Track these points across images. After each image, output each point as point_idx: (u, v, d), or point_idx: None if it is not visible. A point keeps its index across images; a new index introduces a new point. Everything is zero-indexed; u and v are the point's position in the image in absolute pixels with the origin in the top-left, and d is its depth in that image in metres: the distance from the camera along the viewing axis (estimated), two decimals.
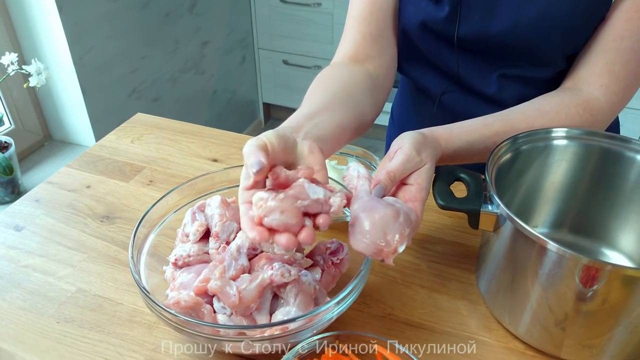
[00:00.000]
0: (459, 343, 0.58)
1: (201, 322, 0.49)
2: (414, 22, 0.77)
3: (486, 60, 0.75)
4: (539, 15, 0.68)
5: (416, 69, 0.84)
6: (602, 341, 0.54)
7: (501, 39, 0.71)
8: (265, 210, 0.45)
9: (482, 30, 0.72)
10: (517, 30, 0.69)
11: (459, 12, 0.73)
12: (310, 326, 0.50)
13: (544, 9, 0.67)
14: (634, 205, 0.62)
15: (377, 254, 0.49)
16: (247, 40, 2.64)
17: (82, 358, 0.58)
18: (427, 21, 0.76)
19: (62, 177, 0.85)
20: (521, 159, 0.61)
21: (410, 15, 0.77)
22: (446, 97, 0.83)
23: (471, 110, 0.78)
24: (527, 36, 0.69)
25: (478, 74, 0.78)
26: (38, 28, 1.57)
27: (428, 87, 0.84)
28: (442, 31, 0.75)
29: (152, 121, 0.99)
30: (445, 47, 0.77)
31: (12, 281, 0.67)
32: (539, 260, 0.52)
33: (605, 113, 0.67)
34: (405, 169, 0.55)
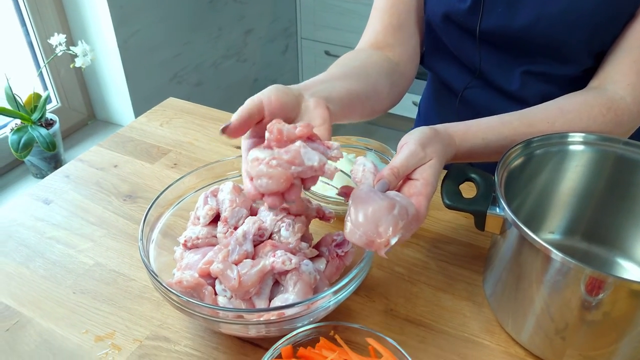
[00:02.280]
0: (457, 344, 0.58)
1: (200, 303, 0.50)
2: (438, 14, 0.77)
3: (509, 55, 0.74)
4: (563, 10, 0.66)
5: (440, 62, 0.83)
6: (605, 353, 0.53)
7: (524, 33, 0.69)
8: (256, 172, 0.48)
9: (505, 23, 0.71)
10: (541, 24, 0.67)
11: (482, 4, 0.72)
12: (306, 314, 0.51)
13: (568, 4, 0.66)
14: None
15: (369, 245, 0.49)
16: (291, 30, 2.65)
17: (93, 328, 0.60)
18: (450, 13, 0.75)
19: (92, 156, 0.89)
20: (534, 163, 0.60)
21: (433, 7, 0.77)
22: (468, 92, 0.82)
23: (493, 107, 0.77)
24: (551, 31, 0.68)
25: (501, 70, 0.77)
26: (86, 11, 1.62)
27: (451, 81, 0.84)
28: (464, 23, 0.75)
29: (182, 106, 1.02)
30: (468, 40, 0.77)
31: (37, 251, 0.71)
32: (543, 268, 0.52)
33: (632, 113, 0.65)
34: (409, 164, 0.55)
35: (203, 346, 0.58)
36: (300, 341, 0.52)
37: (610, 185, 0.61)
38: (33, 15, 1.57)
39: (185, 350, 0.58)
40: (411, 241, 0.71)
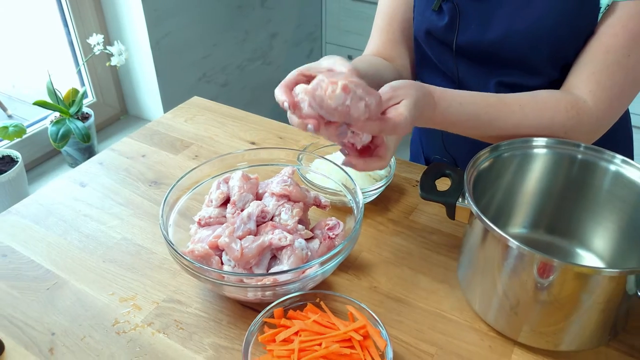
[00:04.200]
0: (430, 319, 0.67)
1: (208, 268, 0.60)
2: (422, 30, 0.86)
3: (483, 67, 0.82)
4: (528, 28, 0.74)
5: (426, 73, 0.92)
6: (555, 330, 0.61)
7: (495, 47, 0.78)
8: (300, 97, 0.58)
9: (478, 39, 0.79)
10: (509, 40, 0.75)
11: (458, 22, 0.80)
12: (297, 280, 0.60)
13: (532, 22, 0.74)
14: (607, 211, 0.68)
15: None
16: (316, 34, 2.75)
17: (118, 290, 0.71)
18: (430, 29, 0.84)
19: (123, 146, 1.00)
20: (501, 164, 0.69)
21: (418, 24, 0.87)
22: None
23: None
24: (518, 46, 0.76)
25: (477, 80, 0.85)
26: (123, 13, 1.75)
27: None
28: (443, 39, 0.84)
29: (204, 104, 1.13)
30: (447, 53, 0.85)
31: (73, 225, 0.82)
32: (503, 254, 0.60)
33: (592, 115, 0.72)
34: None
35: (210, 309, 0.68)
36: (290, 306, 0.61)
37: (569, 184, 0.69)
38: (74, 16, 1.70)
39: (194, 312, 0.68)
40: (400, 230, 0.80)
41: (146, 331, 0.66)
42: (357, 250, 0.76)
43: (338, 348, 0.56)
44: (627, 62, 0.71)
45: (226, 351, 0.63)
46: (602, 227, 0.69)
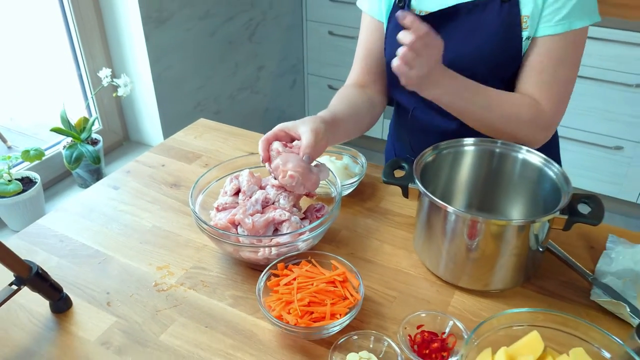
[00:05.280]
0: (393, 273, 0.89)
1: (228, 233, 0.82)
2: (393, 57, 1.09)
3: None
4: (472, 52, 0.98)
5: (397, 91, 1.15)
6: (485, 275, 0.84)
7: (449, 66, 1.01)
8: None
9: None
10: (458, 61, 0.99)
11: None
12: (294, 241, 0.82)
13: (475, 48, 0.98)
14: (519, 189, 0.93)
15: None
16: (298, 67, 3.01)
17: (154, 262, 0.92)
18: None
19: (145, 158, 1.22)
20: (441, 159, 0.92)
21: (389, 53, 1.10)
22: (416, 111, 1.13)
23: (432, 121, 1.09)
24: (466, 65, 0.99)
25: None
26: (128, 50, 1.98)
27: (404, 104, 1.16)
28: None
29: (210, 124, 1.35)
30: None
31: (113, 218, 1.03)
32: (443, 220, 0.83)
33: (546, 112, 0.98)
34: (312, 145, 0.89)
35: (227, 271, 0.90)
36: (289, 262, 0.83)
37: (491, 172, 0.94)
38: (85, 53, 1.92)
39: (216, 274, 0.89)
40: (371, 214, 1.02)
41: (180, 289, 0.87)
42: (338, 229, 0.99)
43: (325, 286, 0.78)
44: (559, 75, 0.97)
45: (242, 300, 0.85)
46: (516, 201, 0.93)
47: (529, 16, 0.96)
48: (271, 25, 2.66)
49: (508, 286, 0.86)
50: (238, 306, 0.84)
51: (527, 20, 0.96)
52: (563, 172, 0.85)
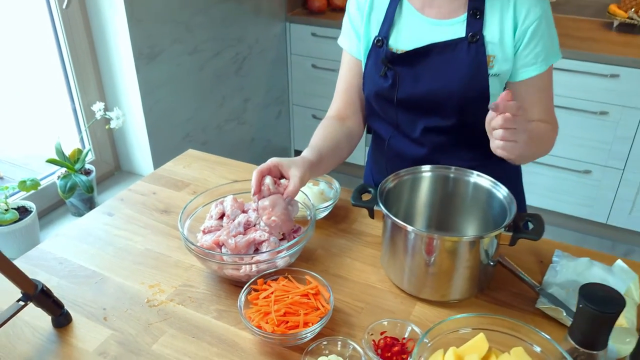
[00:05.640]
0: (361, 287, 0.99)
1: (213, 252, 0.92)
2: (372, 92, 1.21)
3: (415, 114, 1.17)
4: (442, 87, 1.10)
5: (375, 122, 1.27)
6: (443, 287, 0.94)
7: (422, 99, 1.12)
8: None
9: (411, 93, 1.14)
10: (431, 94, 1.11)
11: (397, 83, 1.16)
12: (271, 259, 0.92)
13: (444, 84, 1.10)
14: (472, 210, 1.04)
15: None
16: (283, 98, 3.14)
17: (147, 280, 1.01)
18: (378, 90, 1.19)
19: (137, 187, 1.32)
20: (402, 184, 1.04)
21: (369, 88, 1.21)
22: (391, 140, 1.24)
23: (406, 149, 1.21)
24: (437, 98, 1.11)
25: (410, 124, 1.19)
26: (120, 84, 2.09)
27: (381, 134, 1.27)
28: (387, 96, 1.18)
29: (198, 155, 1.46)
30: (390, 106, 1.20)
31: (108, 242, 1.12)
32: (405, 238, 0.93)
33: (555, 132, 1.17)
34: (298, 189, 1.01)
35: (212, 288, 0.99)
36: (268, 278, 0.93)
37: (446, 195, 1.05)
38: (79, 88, 2.03)
39: (202, 291, 0.99)
40: (344, 235, 1.13)
41: (169, 304, 0.96)
42: (314, 248, 1.09)
43: (299, 298, 0.87)
44: (549, 101, 1.15)
45: (226, 313, 0.94)
46: (470, 221, 1.04)
47: (495, 56, 1.09)
48: (257, 59, 2.79)
49: (464, 296, 0.96)
50: (222, 319, 0.93)
51: (492, 60, 1.09)
52: (509, 193, 0.96)
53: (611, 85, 2.39)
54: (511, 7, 1.08)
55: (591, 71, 2.40)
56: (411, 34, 1.15)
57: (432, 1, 1.13)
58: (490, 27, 1.09)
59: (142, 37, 2.03)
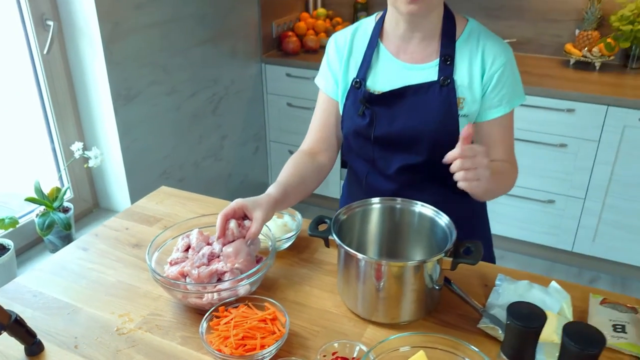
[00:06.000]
0: (319, 313, 1.06)
1: (179, 282, 0.99)
2: (350, 129, 1.29)
3: (391, 151, 1.25)
4: (416, 126, 1.19)
5: (352, 159, 1.36)
6: (393, 309, 1.02)
7: (398, 137, 1.21)
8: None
9: (388, 131, 1.23)
10: (405, 132, 1.20)
11: (375, 121, 1.24)
12: (233, 287, 0.99)
13: (417, 123, 1.19)
14: (418, 237, 1.13)
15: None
16: (260, 134, 3.24)
17: (117, 310, 1.08)
18: (356, 128, 1.27)
19: (112, 223, 1.39)
20: (353, 216, 1.12)
21: (347, 126, 1.30)
22: (369, 176, 1.33)
23: (380, 184, 1.29)
24: (412, 137, 1.20)
25: (385, 162, 1.28)
26: (99, 124, 2.17)
27: (358, 170, 1.35)
28: (365, 134, 1.26)
29: (170, 191, 1.54)
30: (367, 143, 1.28)
31: (81, 275, 1.19)
32: (356, 265, 1.01)
33: (515, 169, 1.26)
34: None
35: (178, 317, 1.06)
36: (229, 306, 1.00)
37: (394, 225, 1.13)
38: (59, 128, 2.11)
39: (168, 319, 1.05)
40: (306, 264, 1.20)
41: (138, 332, 1.03)
42: (276, 278, 1.16)
43: (257, 323, 0.94)
44: (511, 141, 1.25)
45: (190, 339, 1.00)
46: (417, 248, 1.13)
47: (464, 98, 1.20)
48: (233, 99, 2.90)
49: (413, 319, 1.03)
50: (186, 344, 0.99)
51: (462, 102, 1.20)
52: (450, 221, 1.05)
53: (568, 119, 2.54)
54: (479, 54, 1.19)
55: (549, 106, 2.54)
56: (387, 77, 1.24)
57: (407, 48, 1.24)
58: (460, 72, 1.20)
59: (120, 79, 2.12)
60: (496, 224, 2.87)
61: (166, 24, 2.32)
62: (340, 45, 1.30)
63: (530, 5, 2.96)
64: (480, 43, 1.21)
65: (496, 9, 3.00)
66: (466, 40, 1.21)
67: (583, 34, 2.77)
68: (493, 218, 2.89)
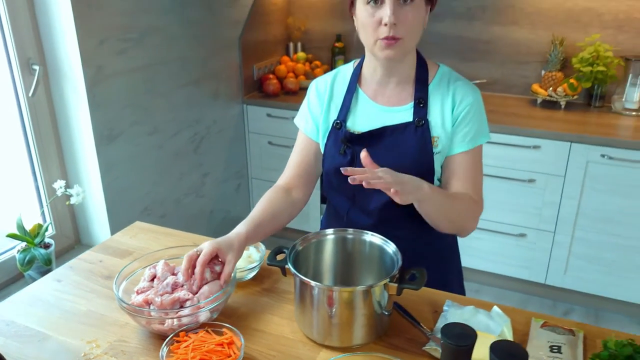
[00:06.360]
0: (277, 339, 1.13)
1: (142, 309, 1.06)
2: (331, 167, 1.37)
3: (370, 189, 1.30)
4: (394, 164, 1.23)
5: (333, 196, 1.43)
6: (345, 334, 1.08)
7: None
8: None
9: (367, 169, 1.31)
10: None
11: (355, 159, 1.33)
12: (194, 313, 1.06)
13: (396, 161, 1.26)
14: (369, 264, 1.20)
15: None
16: (242, 172, 3.33)
17: (85, 337, 1.14)
18: (337, 166, 1.34)
19: (87, 256, 1.45)
20: (309, 247, 1.20)
21: (329, 164, 1.38)
22: (350, 212, 1.40)
23: (360, 219, 1.37)
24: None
25: (364, 198, 1.35)
26: (81, 163, 2.26)
27: (339, 206, 1.43)
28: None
29: (144, 226, 1.61)
30: (347, 181, 1.35)
31: (54, 305, 1.25)
32: (310, 293, 1.08)
33: (478, 203, 1.29)
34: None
35: (143, 342, 1.12)
36: (190, 331, 1.06)
37: (347, 254, 1.21)
38: (42, 167, 2.19)
39: (133, 345, 1.11)
40: (268, 294, 1.27)
41: (104, 357, 1.09)
42: (238, 307, 1.23)
43: (214, 347, 1.01)
44: (476, 177, 1.31)
45: None
46: (369, 275, 1.21)
47: (438, 137, 1.29)
48: (215, 138, 3.00)
49: (365, 342, 1.10)
50: None
51: (436, 140, 1.29)
52: (396, 249, 1.13)
53: (535, 156, 2.65)
54: (450, 95, 1.30)
55: (517, 143, 2.66)
56: (366, 118, 1.34)
57: (384, 92, 1.34)
58: (434, 113, 1.30)
59: (103, 120, 2.22)
60: (471, 257, 2.96)
61: (148, 68, 2.43)
62: (321, 90, 1.41)
63: (498, 49, 3.11)
64: (451, 86, 1.31)
65: (467, 52, 3.16)
66: (438, 84, 1.32)
67: (548, 74, 2.92)
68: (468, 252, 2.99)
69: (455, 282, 1.51)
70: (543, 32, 2.99)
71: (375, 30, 1.21)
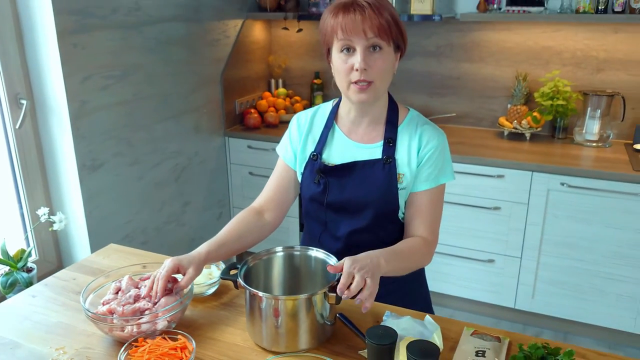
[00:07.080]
0: (229, 347, 1.24)
1: (105, 317, 1.17)
2: (307, 195, 1.50)
3: (341, 215, 1.45)
4: (363, 196, 1.39)
5: (309, 221, 1.56)
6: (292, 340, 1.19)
7: (346, 204, 1.41)
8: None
9: (338, 198, 1.43)
10: (354, 201, 1.41)
11: (327, 189, 1.45)
12: (152, 320, 1.17)
13: (365, 193, 1.39)
14: (316, 277, 1.32)
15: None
16: (224, 201, 3.45)
17: (54, 344, 1.24)
18: (312, 194, 1.48)
19: (61, 274, 1.57)
20: (261, 264, 1.32)
21: (305, 192, 1.51)
22: (322, 237, 1.52)
23: (330, 243, 1.48)
24: (359, 205, 1.41)
25: (336, 224, 1.48)
26: (64, 191, 2.38)
27: (313, 231, 1.55)
28: (318, 199, 1.47)
29: (117, 248, 1.73)
30: (321, 208, 1.48)
31: (27, 317, 1.36)
32: (258, 302, 1.20)
33: (431, 242, 1.40)
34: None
35: (107, 349, 1.22)
36: (147, 337, 1.17)
37: (295, 269, 1.33)
38: (27, 194, 2.31)
39: (99, 351, 1.22)
40: (226, 307, 1.38)
41: None
42: (196, 319, 1.34)
43: (168, 351, 1.12)
44: (435, 214, 1.42)
45: None
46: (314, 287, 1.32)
47: (404, 174, 1.42)
48: (197, 169, 3.13)
49: (310, 346, 1.21)
50: None
51: (402, 177, 1.42)
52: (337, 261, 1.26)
53: (499, 184, 2.79)
54: (417, 137, 1.43)
55: (483, 173, 2.80)
56: (340, 152, 1.47)
57: (357, 130, 1.47)
58: (401, 152, 1.43)
59: (86, 151, 2.35)
60: (444, 283, 3.06)
61: (130, 103, 2.58)
62: (302, 123, 1.55)
63: (467, 84, 3.29)
64: (419, 129, 1.44)
65: (438, 88, 3.33)
66: (407, 126, 1.45)
67: (513, 108, 3.09)
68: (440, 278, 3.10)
69: (425, 306, 1.60)
70: (507, 68, 3.18)
71: (348, 75, 1.34)
